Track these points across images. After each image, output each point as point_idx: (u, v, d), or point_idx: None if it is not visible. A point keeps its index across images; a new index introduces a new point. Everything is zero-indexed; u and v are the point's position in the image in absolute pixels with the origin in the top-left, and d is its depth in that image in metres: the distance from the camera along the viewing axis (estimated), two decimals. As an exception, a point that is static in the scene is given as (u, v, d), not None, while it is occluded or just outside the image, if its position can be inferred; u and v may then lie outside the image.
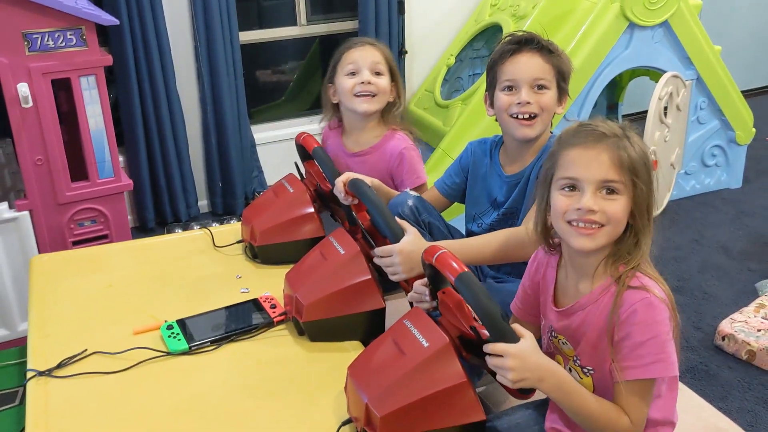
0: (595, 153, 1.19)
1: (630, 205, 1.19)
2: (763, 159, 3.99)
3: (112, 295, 1.80)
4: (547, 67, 1.62)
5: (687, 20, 3.21)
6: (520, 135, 1.64)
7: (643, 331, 1.16)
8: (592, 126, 1.22)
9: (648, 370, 1.17)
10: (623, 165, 1.18)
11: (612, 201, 1.19)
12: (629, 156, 1.18)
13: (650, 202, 1.21)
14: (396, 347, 1.25)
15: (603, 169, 1.18)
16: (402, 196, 1.75)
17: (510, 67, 1.63)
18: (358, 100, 1.99)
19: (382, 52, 2.02)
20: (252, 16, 3.65)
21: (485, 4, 3.70)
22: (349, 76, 1.99)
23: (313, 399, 1.40)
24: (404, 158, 2.00)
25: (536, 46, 1.62)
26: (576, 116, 3.18)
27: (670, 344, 1.17)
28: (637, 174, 1.18)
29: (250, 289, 1.79)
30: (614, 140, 1.19)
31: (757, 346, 2.30)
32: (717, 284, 2.81)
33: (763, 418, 2.10)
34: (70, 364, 1.52)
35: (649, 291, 1.17)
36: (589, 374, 1.26)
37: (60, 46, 2.34)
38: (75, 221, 2.52)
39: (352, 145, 2.09)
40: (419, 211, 1.71)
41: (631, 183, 1.18)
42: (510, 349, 1.15)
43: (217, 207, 3.52)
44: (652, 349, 1.16)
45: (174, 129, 3.25)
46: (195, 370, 1.51)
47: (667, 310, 1.18)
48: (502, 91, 1.66)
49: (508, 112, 1.64)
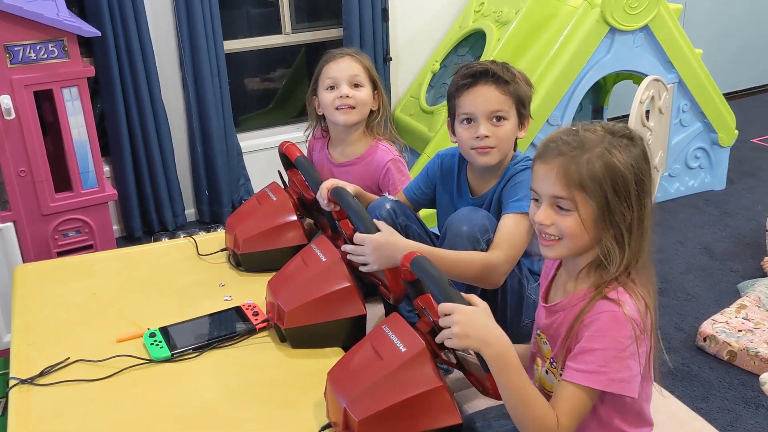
0: (548, 168, 1.19)
1: (588, 220, 1.17)
2: (746, 160, 4.03)
3: (95, 303, 1.81)
4: (504, 97, 1.61)
5: (667, 24, 3.25)
6: (481, 163, 1.66)
7: (596, 339, 1.16)
8: (561, 139, 1.21)
9: (584, 377, 1.15)
10: (571, 181, 1.17)
11: (563, 216, 1.19)
12: (579, 172, 1.16)
13: (622, 215, 1.17)
14: (374, 352, 1.27)
15: (550, 185, 1.19)
16: (380, 200, 1.77)
17: (467, 101, 1.63)
18: (338, 113, 2.03)
19: (361, 63, 2.04)
20: (237, 24, 3.67)
21: (469, 11, 3.73)
22: (328, 90, 2.04)
23: (294, 404, 1.42)
24: (390, 170, 2.04)
25: (491, 78, 1.61)
26: (559, 120, 3.21)
27: (619, 362, 1.14)
28: (587, 190, 1.16)
29: (233, 297, 1.80)
30: (572, 155, 1.17)
31: (737, 346, 2.33)
32: (700, 285, 2.84)
33: (743, 417, 2.13)
34: (52, 371, 1.53)
35: (620, 306, 1.16)
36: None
37: (42, 57, 2.36)
38: (59, 232, 2.53)
39: (338, 156, 2.12)
40: (396, 214, 1.73)
41: (582, 199, 1.17)
42: (459, 307, 1.18)
43: (204, 215, 3.53)
44: (596, 359, 1.15)
45: (159, 138, 3.26)
46: (177, 377, 1.52)
47: (631, 330, 1.15)
48: (460, 125, 1.66)
49: (468, 146, 1.65)
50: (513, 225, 1.59)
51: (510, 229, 1.59)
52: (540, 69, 3.12)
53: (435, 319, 1.26)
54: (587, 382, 1.15)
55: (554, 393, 1.20)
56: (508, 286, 1.66)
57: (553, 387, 1.26)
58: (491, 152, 1.64)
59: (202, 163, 3.42)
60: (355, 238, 1.57)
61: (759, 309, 2.51)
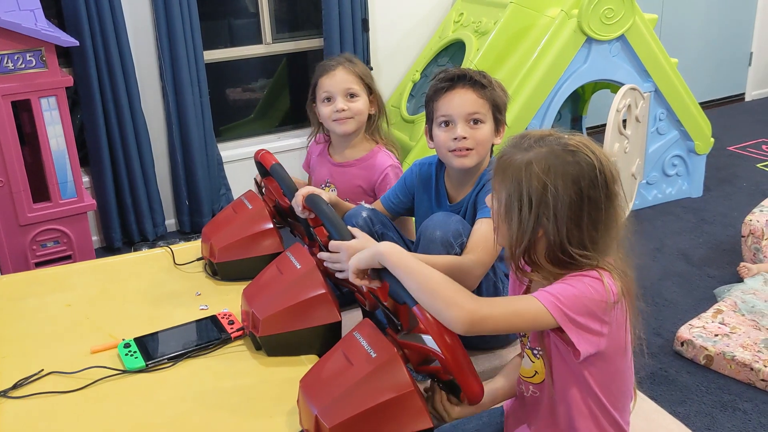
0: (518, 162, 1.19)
1: (544, 245, 1.19)
2: (723, 168, 4.09)
3: (70, 315, 1.80)
4: (481, 101, 1.65)
5: (643, 34, 3.30)
6: (458, 165, 1.68)
7: (569, 279, 1.17)
8: (527, 138, 1.23)
9: (543, 294, 1.15)
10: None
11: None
12: (529, 185, 1.17)
13: (575, 215, 1.18)
14: (345, 359, 1.27)
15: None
16: (357, 209, 1.78)
17: (444, 104, 1.66)
18: (336, 124, 2.11)
19: (354, 72, 2.09)
20: (218, 34, 3.67)
21: (449, 21, 3.77)
22: (325, 103, 2.11)
23: (268, 413, 1.41)
24: (388, 175, 2.09)
25: (469, 82, 1.64)
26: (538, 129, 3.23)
27: (579, 303, 1.14)
28: (542, 209, 1.17)
29: (209, 306, 1.80)
30: (511, 171, 1.19)
31: (714, 350, 2.35)
32: (677, 291, 2.87)
33: (720, 421, 2.15)
34: (25, 384, 1.52)
35: (601, 276, 1.17)
36: (538, 355, 1.28)
37: (20, 67, 2.35)
38: (37, 242, 2.52)
39: (338, 156, 2.20)
40: (373, 222, 1.74)
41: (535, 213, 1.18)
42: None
43: (184, 225, 3.52)
44: (560, 288, 1.15)
45: (139, 148, 3.26)
46: (152, 388, 1.51)
47: (605, 295, 1.15)
48: (438, 127, 1.69)
49: (446, 148, 1.68)
50: (487, 229, 1.60)
51: (483, 233, 1.60)
52: (518, 78, 3.15)
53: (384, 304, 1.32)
54: (544, 300, 1.15)
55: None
56: (483, 289, 1.68)
57: (530, 370, 1.28)
58: (469, 154, 1.66)
59: (182, 173, 3.42)
60: (331, 246, 1.57)
61: (735, 314, 2.54)
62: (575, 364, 1.20)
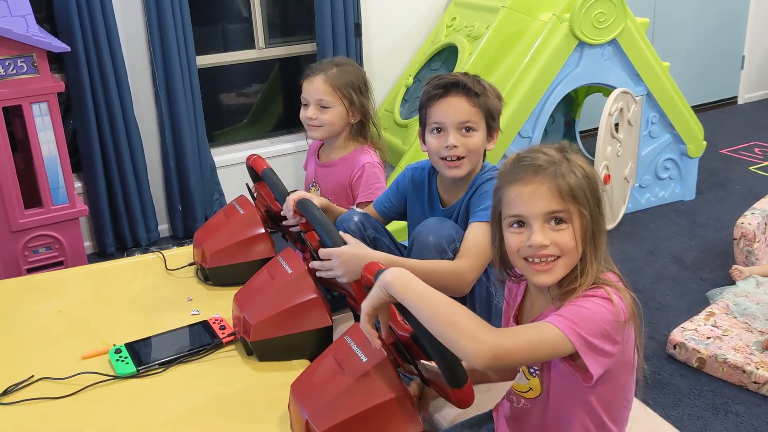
0: (534, 187, 1.16)
1: (579, 231, 1.17)
2: (716, 171, 4.10)
3: (61, 321, 1.80)
4: (474, 109, 1.64)
5: (635, 38, 3.31)
6: (450, 175, 1.69)
7: (581, 301, 1.14)
8: (528, 158, 1.20)
9: (558, 319, 1.11)
10: (563, 194, 1.15)
11: (561, 231, 1.17)
12: (569, 183, 1.16)
13: (597, 224, 1.18)
14: (336, 363, 1.27)
15: (545, 202, 1.16)
16: (349, 213, 1.78)
17: (437, 111, 1.66)
18: (308, 129, 2.15)
19: (331, 83, 2.08)
20: (211, 39, 3.67)
21: (441, 25, 3.77)
22: (303, 107, 2.14)
23: (260, 418, 1.41)
24: (364, 172, 2.09)
25: (462, 90, 1.63)
26: (530, 133, 3.25)
27: (594, 325, 1.11)
28: (578, 200, 1.17)
29: (201, 311, 1.80)
30: (552, 170, 1.17)
31: (706, 353, 2.36)
32: (670, 294, 2.87)
33: (712, 423, 2.15)
34: (16, 390, 1.52)
35: (609, 294, 1.15)
36: (535, 374, 1.27)
37: (11, 73, 2.35)
38: (29, 248, 2.51)
39: (324, 157, 2.23)
40: (365, 227, 1.74)
41: (576, 210, 1.17)
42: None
43: (177, 231, 3.51)
44: (574, 311, 1.12)
45: (132, 153, 3.25)
46: (143, 394, 1.51)
47: (616, 315, 1.13)
48: (431, 134, 1.69)
49: (438, 155, 1.67)
50: (479, 233, 1.60)
51: (476, 238, 1.60)
52: (511, 82, 3.15)
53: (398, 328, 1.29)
54: (561, 326, 1.10)
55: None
56: (476, 294, 1.68)
57: (524, 386, 1.26)
58: (460, 164, 1.66)
59: (175, 179, 3.41)
60: (321, 253, 1.57)
61: (727, 316, 2.55)
62: (580, 385, 1.18)
